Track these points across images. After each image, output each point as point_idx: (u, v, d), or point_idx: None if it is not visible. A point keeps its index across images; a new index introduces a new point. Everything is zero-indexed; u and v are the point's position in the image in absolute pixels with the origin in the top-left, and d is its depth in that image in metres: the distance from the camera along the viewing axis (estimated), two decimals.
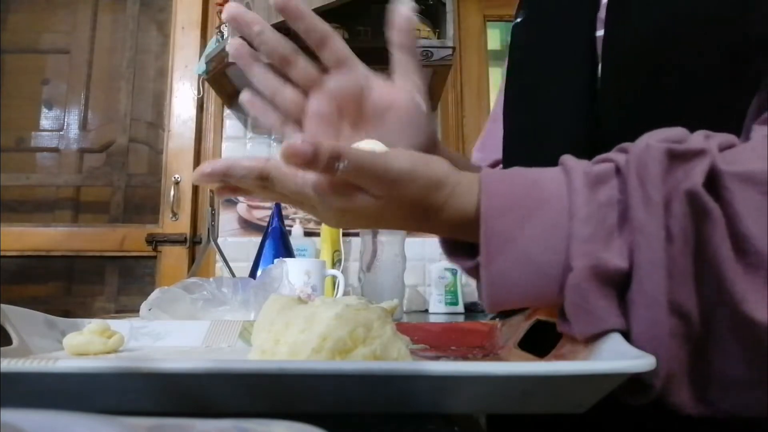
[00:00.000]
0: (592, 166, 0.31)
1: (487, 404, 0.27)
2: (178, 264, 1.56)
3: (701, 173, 0.27)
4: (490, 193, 0.31)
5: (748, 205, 0.26)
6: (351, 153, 0.29)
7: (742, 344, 0.26)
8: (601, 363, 0.25)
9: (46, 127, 1.69)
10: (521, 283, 0.30)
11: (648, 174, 0.27)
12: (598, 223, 0.28)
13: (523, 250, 0.29)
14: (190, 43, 1.67)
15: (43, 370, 0.25)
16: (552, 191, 0.30)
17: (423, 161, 0.32)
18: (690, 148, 0.28)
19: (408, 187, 0.31)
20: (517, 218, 0.30)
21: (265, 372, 0.24)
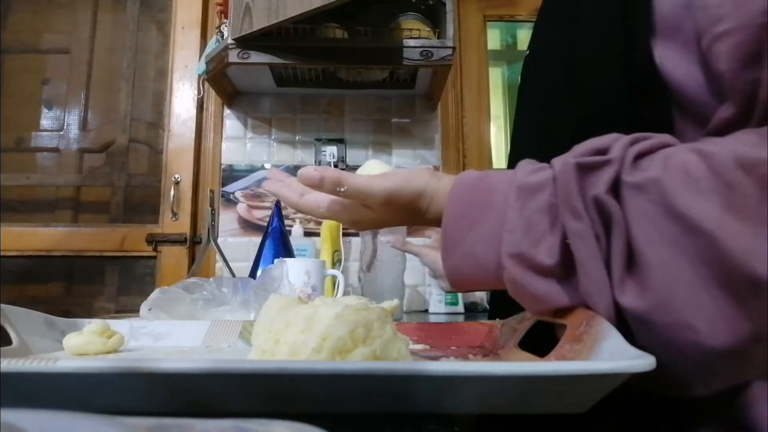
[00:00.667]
0: (533, 174, 0.37)
1: (487, 404, 0.27)
2: (178, 264, 1.56)
3: (605, 182, 0.33)
4: (453, 201, 0.40)
5: (635, 211, 0.32)
6: (349, 180, 0.43)
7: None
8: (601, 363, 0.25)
9: (46, 127, 1.68)
10: (469, 274, 0.39)
11: (568, 188, 0.34)
12: (527, 230, 0.35)
13: (470, 250, 0.38)
14: (190, 43, 1.67)
15: (43, 370, 0.25)
16: (495, 202, 0.38)
17: (406, 179, 0.43)
18: (595, 161, 0.34)
19: (395, 201, 0.43)
20: (466, 225, 0.38)
21: (265, 372, 0.24)
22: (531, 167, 0.38)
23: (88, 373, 0.25)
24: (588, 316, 0.33)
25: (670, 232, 0.30)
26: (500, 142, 1.98)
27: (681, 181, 0.30)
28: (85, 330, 0.44)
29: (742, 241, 0.28)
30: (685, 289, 0.29)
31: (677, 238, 0.30)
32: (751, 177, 0.28)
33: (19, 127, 1.67)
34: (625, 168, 0.33)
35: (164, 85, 1.69)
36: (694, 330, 0.29)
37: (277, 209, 1.28)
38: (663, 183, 0.31)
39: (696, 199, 0.29)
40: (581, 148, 0.35)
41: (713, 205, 0.29)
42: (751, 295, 0.28)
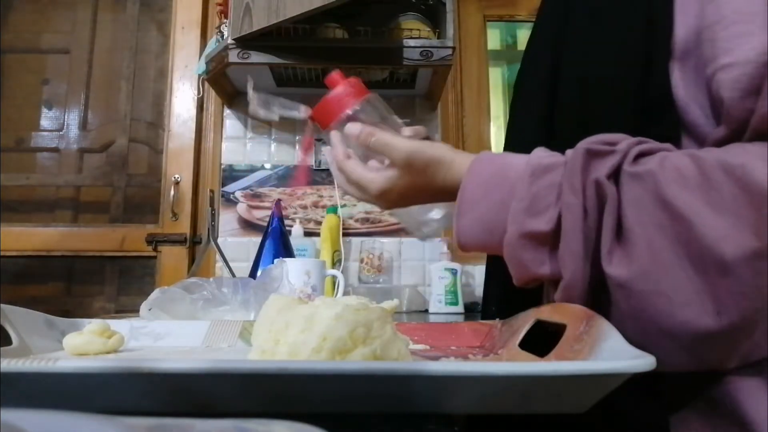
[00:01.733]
0: (547, 157, 0.42)
1: (487, 404, 0.27)
2: (178, 264, 1.56)
3: (607, 167, 0.38)
4: (472, 171, 0.45)
5: (630, 195, 0.37)
6: (378, 132, 0.51)
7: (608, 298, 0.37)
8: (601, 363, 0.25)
9: (46, 127, 1.68)
10: (477, 236, 0.43)
11: (573, 167, 0.39)
12: (532, 202, 0.40)
13: (481, 214, 0.43)
14: (190, 43, 1.67)
15: (43, 370, 0.25)
16: (510, 177, 0.42)
17: (427, 144, 0.48)
18: (603, 149, 0.39)
19: (415, 161, 0.48)
20: (481, 193, 0.43)
21: (265, 372, 0.24)
22: (546, 152, 0.43)
23: (88, 373, 0.25)
24: (588, 316, 0.33)
25: (657, 217, 0.35)
26: (500, 142, 1.98)
27: (672, 176, 0.35)
28: (85, 330, 0.44)
29: (715, 229, 0.32)
30: (664, 264, 0.34)
31: (662, 222, 0.35)
32: (730, 178, 0.33)
33: (19, 127, 1.67)
34: (627, 159, 0.38)
35: (164, 85, 1.68)
36: (668, 298, 0.34)
37: (278, 209, 1.28)
38: (657, 176, 0.36)
39: (682, 191, 0.34)
40: (592, 138, 0.40)
41: (695, 198, 0.34)
42: (718, 275, 0.32)
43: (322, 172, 1.58)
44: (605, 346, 0.29)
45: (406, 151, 0.48)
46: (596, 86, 0.48)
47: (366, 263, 1.54)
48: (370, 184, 0.52)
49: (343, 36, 1.37)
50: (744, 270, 0.32)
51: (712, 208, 0.33)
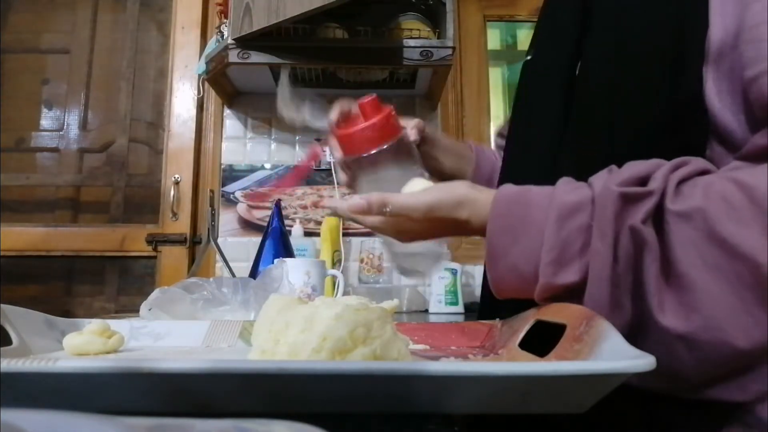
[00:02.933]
0: (572, 193, 0.40)
1: (487, 404, 0.27)
2: (178, 264, 1.56)
3: (643, 212, 0.36)
4: (495, 215, 0.43)
5: (679, 236, 0.35)
6: (392, 200, 0.46)
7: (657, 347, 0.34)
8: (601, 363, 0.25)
9: (46, 127, 1.68)
10: (511, 284, 0.43)
11: (605, 213, 0.37)
12: (561, 253, 0.38)
13: (512, 264, 0.42)
14: (190, 43, 1.67)
15: (43, 370, 0.25)
16: (535, 219, 0.41)
17: (445, 191, 0.46)
18: (638, 192, 0.36)
19: (436, 212, 0.45)
20: (509, 240, 0.42)
21: (265, 372, 0.24)
22: (570, 186, 0.41)
23: (88, 373, 0.25)
24: (588, 316, 0.33)
25: (713, 257, 0.33)
26: None
27: (723, 210, 0.33)
28: (85, 330, 0.44)
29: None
30: (728, 311, 0.32)
31: (719, 262, 0.33)
32: None
33: (19, 127, 1.67)
34: (668, 196, 0.36)
35: (164, 85, 1.68)
36: (734, 347, 0.32)
37: (278, 209, 1.28)
38: (706, 212, 0.34)
39: (737, 227, 0.33)
40: (622, 175, 0.38)
41: (753, 233, 0.32)
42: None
43: (322, 172, 1.58)
44: (605, 346, 0.29)
45: (425, 210, 0.45)
46: (621, 88, 0.46)
47: (366, 263, 1.54)
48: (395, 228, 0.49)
49: (343, 36, 1.37)
50: None
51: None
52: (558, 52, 0.55)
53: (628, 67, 0.46)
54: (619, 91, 0.46)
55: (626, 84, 0.46)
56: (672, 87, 0.42)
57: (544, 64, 0.58)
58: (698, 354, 0.33)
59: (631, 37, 0.47)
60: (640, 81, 0.45)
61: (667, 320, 0.34)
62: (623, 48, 0.47)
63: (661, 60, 0.43)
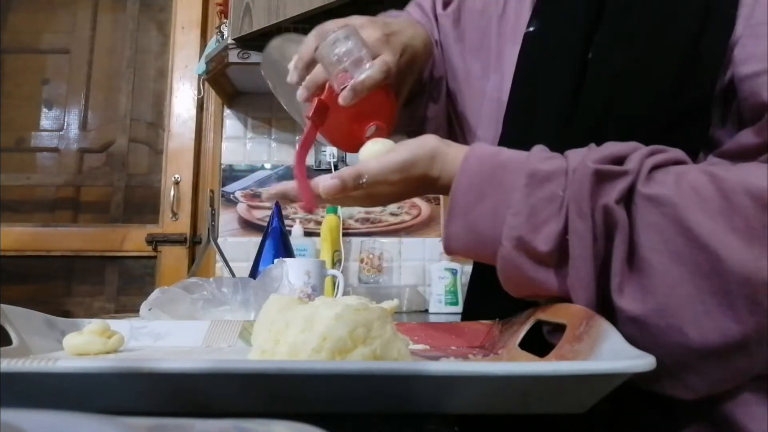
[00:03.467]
0: (546, 162, 0.38)
1: (487, 404, 0.27)
2: (178, 264, 1.56)
3: (617, 191, 0.35)
4: (464, 171, 0.41)
5: (645, 220, 0.34)
6: (367, 169, 0.43)
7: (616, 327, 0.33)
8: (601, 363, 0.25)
9: (46, 127, 1.68)
10: (466, 243, 0.41)
11: (581, 190, 0.36)
12: (530, 215, 0.37)
13: (473, 222, 0.40)
14: (190, 43, 1.67)
15: (43, 370, 0.25)
16: (505, 181, 0.39)
17: (417, 145, 0.44)
18: (612, 170, 0.35)
19: (413, 170, 0.43)
20: (473, 197, 0.40)
21: (265, 372, 0.24)
22: (544, 154, 0.40)
23: (88, 373, 0.25)
24: (588, 316, 0.33)
25: (676, 244, 0.33)
26: None
27: (692, 200, 0.33)
28: (85, 330, 0.44)
29: (744, 260, 0.30)
30: (683, 298, 0.32)
31: (681, 250, 0.33)
32: (757, 204, 0.31)
33: (19, 127, 1.67)
34: (641, 179, 0.35)
35: (164, 85, 1.68)
36: (684, 334, 0.32)
37: (277, 209, 1.28)
38: (675, 198, 0.33)
39: (704, 218, 0.32)
40: (600, 152, 0.37)
41: (719, 225, 0.32)
42: (746, 308, 0.31)
43: (323, 172, 1.59)
44: (605, 346, 0.29)
45: (401, 169, 0.43)
46: (632, 81, 0.44)
47: (366, 263, 1.54)
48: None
49: None
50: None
51: (737, 236, 0.31)
52: (569, 31, 0.50)
53: (640, 61, 0.44)
54: (629, 85, 0.44)
55: (636, 78, 0.44)
56: (683, 86, 0.41)
57: (553, 41, 0.53)
58: (649, 338, 0.33)
59: (646, 29, 0.44)
60: (650, 77, 0.43)
61: (623, 302, 0.34)
62: (637, 39, 0.44)
63: (675, 57, 0.42)
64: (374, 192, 0.45)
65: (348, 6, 1.18)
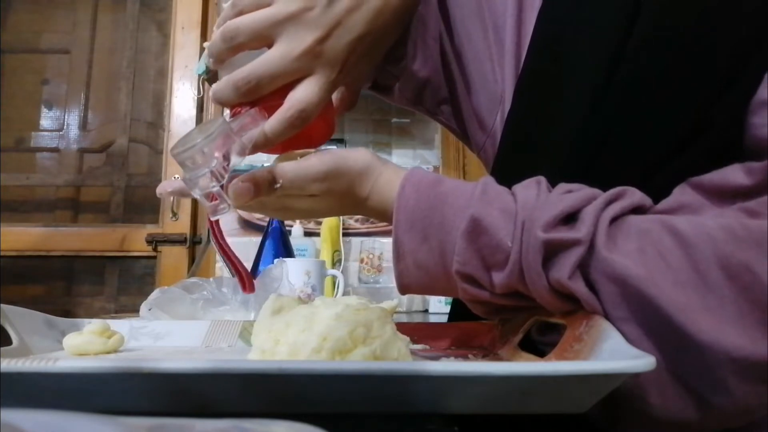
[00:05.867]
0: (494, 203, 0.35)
1: (487, 404, 0.27)
2: (178, 264, 1.56)
3: (570, 266, 0.32)
4: (401, 208, 0.37)
5: (609, 294, 0.31)
6: (284, 170, 0.37)
7: None
8: (601, 363, 0.25)
9: (46, 127, 1.68)
10: (417, 281, 0.38)
11: (533, 261, 0.32)
12: (478, 263, 0.34)
13: (421, 261, 0.37)
14: (190, 43, 1.67)
15: (43, 370, 0.25)
16: (445, 224, 0.36)
17: (344, 155, 0.38)
18: (564, 239, 0.32)
19: (337, 182, 0.38)
20: (417, 238, 0.36)
21: (265, 372, 0.24)
22: (491, 190, 0.36)
23: (88, 373, 0.25)
24: (588, 316, 0.33)
25: (645, 319, 0.30)
26: None
27: (659, 271, 0.30)
28: (85, 330, 0.44)
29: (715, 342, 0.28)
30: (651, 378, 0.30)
31: (651, 325, 0.30)
32: (733, 282, 0.28)
33: (19, 127, 1.67)
34: (599, 243, 0.32)
35: (164, 85, 1.68)
36: (648, 404, 0.30)
37: None
38: (641, 274, 0.30)
39: (675, 292, 0.29)
40: (550, 211, 0.33)
41: (691, 301, 0.29)
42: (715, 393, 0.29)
43: None
44: (605, 346, 0.29)
45: (323, 178, 0.38)
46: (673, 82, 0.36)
47: (366, 263, 1.54)
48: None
49: None
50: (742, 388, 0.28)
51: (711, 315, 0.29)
52: (603, 17, 0.40)
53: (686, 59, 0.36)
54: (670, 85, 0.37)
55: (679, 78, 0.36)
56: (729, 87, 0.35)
57: (583, 29, 0.42)
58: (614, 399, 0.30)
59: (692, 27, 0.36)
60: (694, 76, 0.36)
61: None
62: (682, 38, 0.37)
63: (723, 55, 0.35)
64: (289, 204, 0.40)
65: None
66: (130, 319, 0.54)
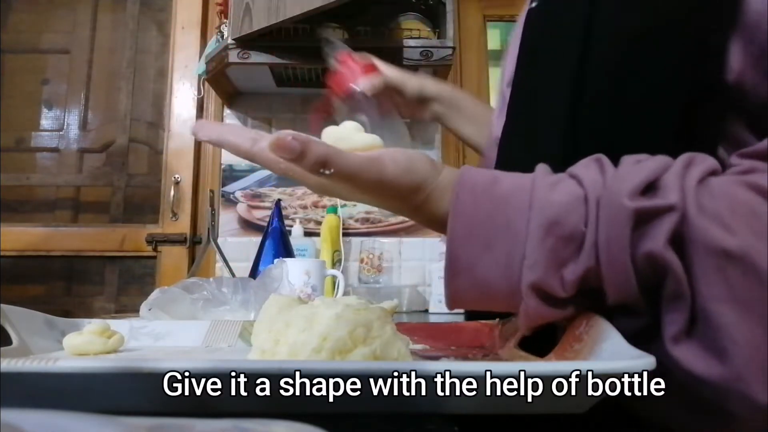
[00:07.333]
0: (555, 189, 0.32)
1: (487, 404, 0.27)
2: (178, 264, 1.56)
3: (665, 233, 0.29)
4: (458, 214, 0.33)
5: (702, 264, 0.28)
6: (339, 162, 0.33)
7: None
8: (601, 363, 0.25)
9: (46, 127, 1.68)
10: (474, 298, 0.34)
11: (618, 236, 0.29)
12: (549, 263, 0.31)
13: (481, 277, 0.33)
14: (190, 43, 1.67)
15: (43, 370, 0.25)
16: (512, 223, 0.32)
17: (405, 168, 0.35)
18: (658, 206, 0.29)
19: (389, 191, 0.35)
20: (478, 247, 0.33)
21: (265, 372, 0.24)
22: (549, 177, 0.34)
23: (88, 373, 0.25)
24: (588, 316, 0.33)
25: (744, 291, 0.27)
26: None
27: (754, 231, 0.28)
28: (85, 330, 0.44)
29: None
30: (754, 358, 0.27)
31: (752, 298, 0.27)
32: None
33: (19, 127, 1.67)
34: (691, 211, 0.29)
35: (164, 85, 1.68)
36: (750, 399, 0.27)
37: (278, 209, 1.28)
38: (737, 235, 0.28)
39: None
40: (627, 180, 0.30)
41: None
42: None
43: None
44: (605, 346, 0.29)
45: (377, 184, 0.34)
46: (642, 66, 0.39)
47: (366, 263, 1.54)
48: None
49: (343, 36, 1.37)
50: None
51: None
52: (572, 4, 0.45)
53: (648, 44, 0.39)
54: (638, 70, 0.39)
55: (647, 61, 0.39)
56: (697, 60, 0.36)
57: (555, 14, 0.48)
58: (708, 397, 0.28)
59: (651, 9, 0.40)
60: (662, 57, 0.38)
61: (679, 352, 0.29)
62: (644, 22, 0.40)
63: (687, 33, 0.37)
64: (331, 188, 0.36)
65: (348, 6, 1.18)
66: (130, 319, 0.54)
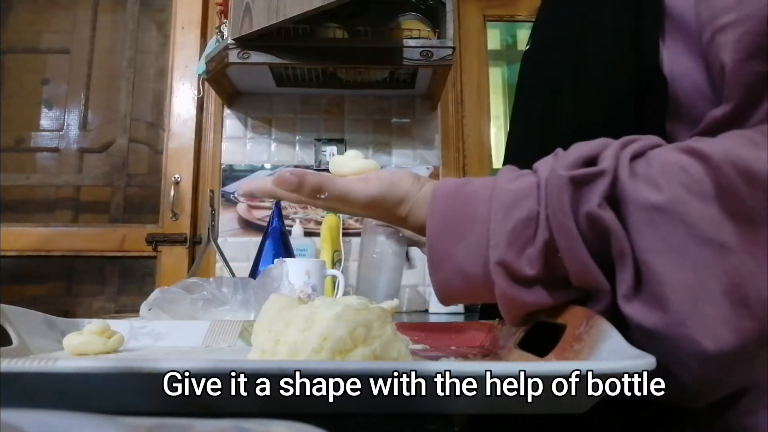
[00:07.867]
0: (515, 181, 0.37)
1: (487, 404, 0.27)
2: (178, 264, 1.56)
3: (599, 194, 0.32)
4: (434, 213, 0.38)
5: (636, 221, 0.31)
6: (330, 186, 0.42)
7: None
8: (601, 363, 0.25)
9: (46, 127, 1.68)
10: (459, 288, 0.38)
11: (559, 202, 0.33)
12: (510, 241, 0.35)
13: (458, 265, 0.37)
14: (190, 43, 1.67)
15: (43, 370, 0.25)
16: (478, 213, 0.37)
17: (388, 184, 0.43)
18: (589, 172, 0.32)
19: (377, 207, 0.43)
20: (452, 239, 0.37)
21: (265, 372, 0.24)
22: (512, 174, 0.38)
23: (88, 373, 0.25)
24: (588, 316, 0.33)
25: (676, 241, 0.30)
26: (500, 142, 1.98)
27: (683, 185, 0.30)
28: (85, 330, 0.44)
29: (747, 248, 0.28)
30: (691, 302, 0.29)
31: (683, 247, 0.29)
32: (745, 180, 0.29)
33: (19, 127, 1.67)
34: (622, 173, 0.32)
35: (164, 85, 1.68)
36: (697, 343, 0.29)
37: (277, 209, 1.28)
38: (665, 191, 0.30)
39: (699, 205, 0.29)
40: (568, 157, 0.34)
41: (715, 212, 0.29)
42: (759, 304, 0.28)
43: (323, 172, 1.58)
44: (605, 346, 0.29)
45: (365, 204, 0.43)
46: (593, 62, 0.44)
47: None
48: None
49: (343, 36, 1.37)
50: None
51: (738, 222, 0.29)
52: (552, 47, 0.52)
53: (589, 45, 0.45)
54: (585, 70, 0.45)
55: (589, 62, 0.44)
56: (633, 62, 0.40)
57: (538, 53, 0.56)
58: (656, 346, 0.30)
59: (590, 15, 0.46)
60: (602, 58, 0.43)
61: (630, 309, 0.31)
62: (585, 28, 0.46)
63: (620, 35, 0.41)
64: (329, 206, 0.44)
65: (348, 6, 1.18)
66: (130, 319, 0.54)
